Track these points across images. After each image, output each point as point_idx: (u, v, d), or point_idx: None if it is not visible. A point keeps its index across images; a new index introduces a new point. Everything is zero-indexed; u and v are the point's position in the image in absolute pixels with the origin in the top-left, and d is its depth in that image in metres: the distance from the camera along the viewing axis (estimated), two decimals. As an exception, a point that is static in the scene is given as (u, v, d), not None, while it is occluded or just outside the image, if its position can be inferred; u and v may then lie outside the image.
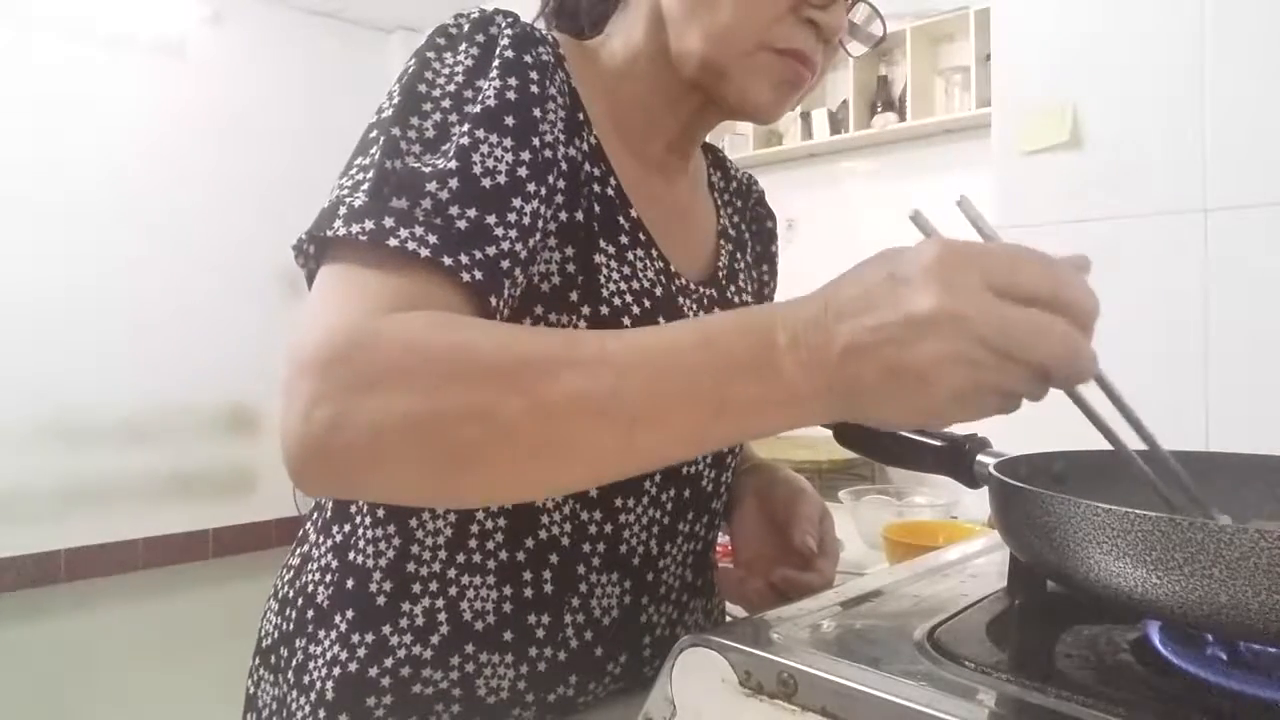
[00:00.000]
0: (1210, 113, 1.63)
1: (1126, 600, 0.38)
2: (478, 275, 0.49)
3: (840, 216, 3.22)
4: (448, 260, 0.48)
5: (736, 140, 3.38)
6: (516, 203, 0.53)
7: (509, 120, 0.55)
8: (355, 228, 0.48)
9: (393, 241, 0.47)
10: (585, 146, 0.61)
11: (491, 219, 0.51)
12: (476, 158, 0.52)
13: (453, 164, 0.51)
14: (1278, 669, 0.39)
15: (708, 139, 0.79)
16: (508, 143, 0.54)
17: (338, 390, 0.43)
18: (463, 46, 0.57)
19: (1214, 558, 0.34)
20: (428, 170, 0.51)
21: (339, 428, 0.42)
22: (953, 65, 2.96)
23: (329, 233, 0.48)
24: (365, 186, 0.50)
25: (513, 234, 0.52)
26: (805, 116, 3.24)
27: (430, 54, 0.57)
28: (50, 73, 3.89)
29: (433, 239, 0.48)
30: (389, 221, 0.48)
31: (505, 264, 0.51)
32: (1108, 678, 0.40)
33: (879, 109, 3.09)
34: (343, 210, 0.49)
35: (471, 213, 0.50)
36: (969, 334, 0.37)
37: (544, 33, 0.61)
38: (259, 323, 4.40)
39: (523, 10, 0.67)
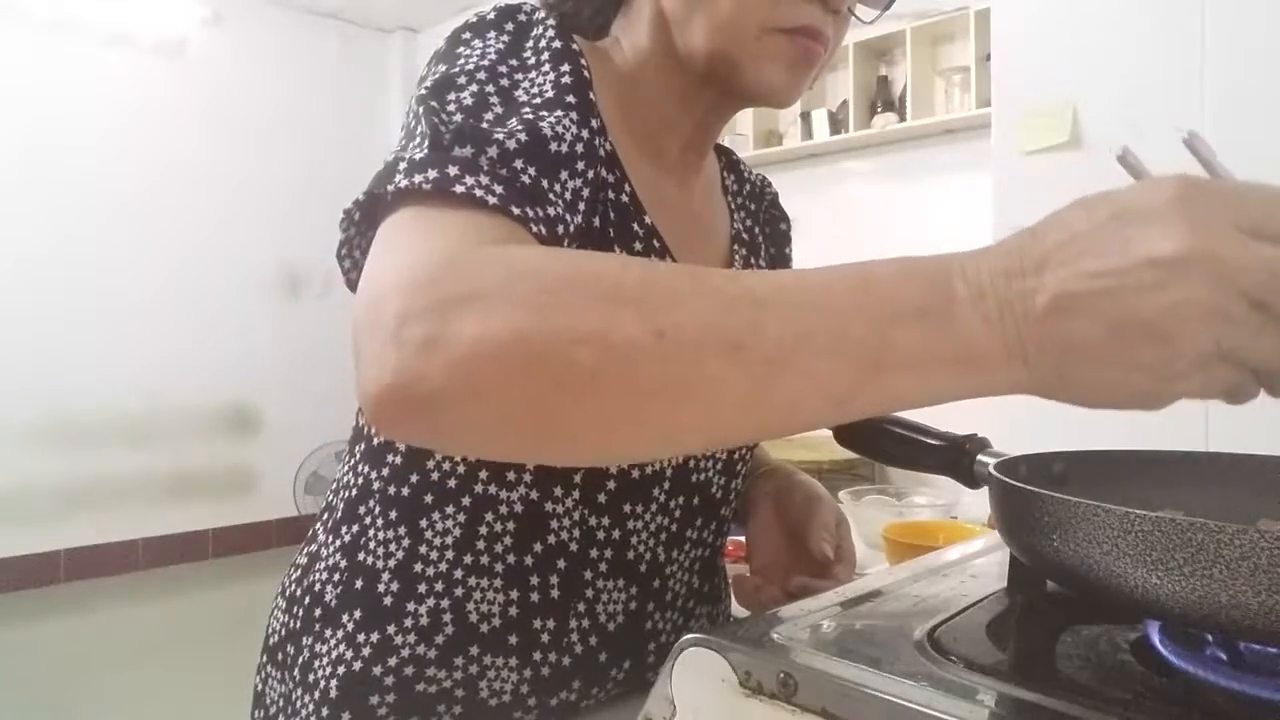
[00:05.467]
0: (1210, 113, 1.62)
1: (1126, 600, 0.38)
2: (543, 230, 0.47)
3: (840, 216, 3.22)
4: (516, 210, 0.46)
5: (737, 140, 3.38)
6: (563, 175, 0.51)
7: (571, 98, 0.54)
8: (418, 177, 0.45)
9: (459, 189, 0.45)
10: (601, 152, 0.60)
11: (545, 183, 0.49)
12: (545, 124, 0.51)
13: (518, 125, 0.50)
14: (1278, 669, 0.39)
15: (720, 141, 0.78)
16: (574, 115, 0.54)
17: (433, 306, 0.38)
18: (491, 34, 0.57)
19: (1214, 558, 0.34)
20: (487, 124, 0.49)
21: (434, 346, 0.37)
22: (953, 65, 2.95)
23: (389, 188, 0.46)
24: (423, 144, 0.48)
25: (561, 204, 0.50)
26: (805, 116, 3.24)
27: (458, 47, 0.56)
28: (50, 73, 3.89)
29: (499, 189, 0.46)
30: (453, 170, 0.45)
31: (560, 229, 0.49)
32: (1108, 678, 0.40)
33: (879, 109, 3.09)
34: (402, 166, 0.46)
35: (533, 170, 0.49)
36: (1226, 282, 0.31)
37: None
38: (259, 323, 4.41)
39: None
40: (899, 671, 0.39)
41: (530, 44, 0.57)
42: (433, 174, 0.45)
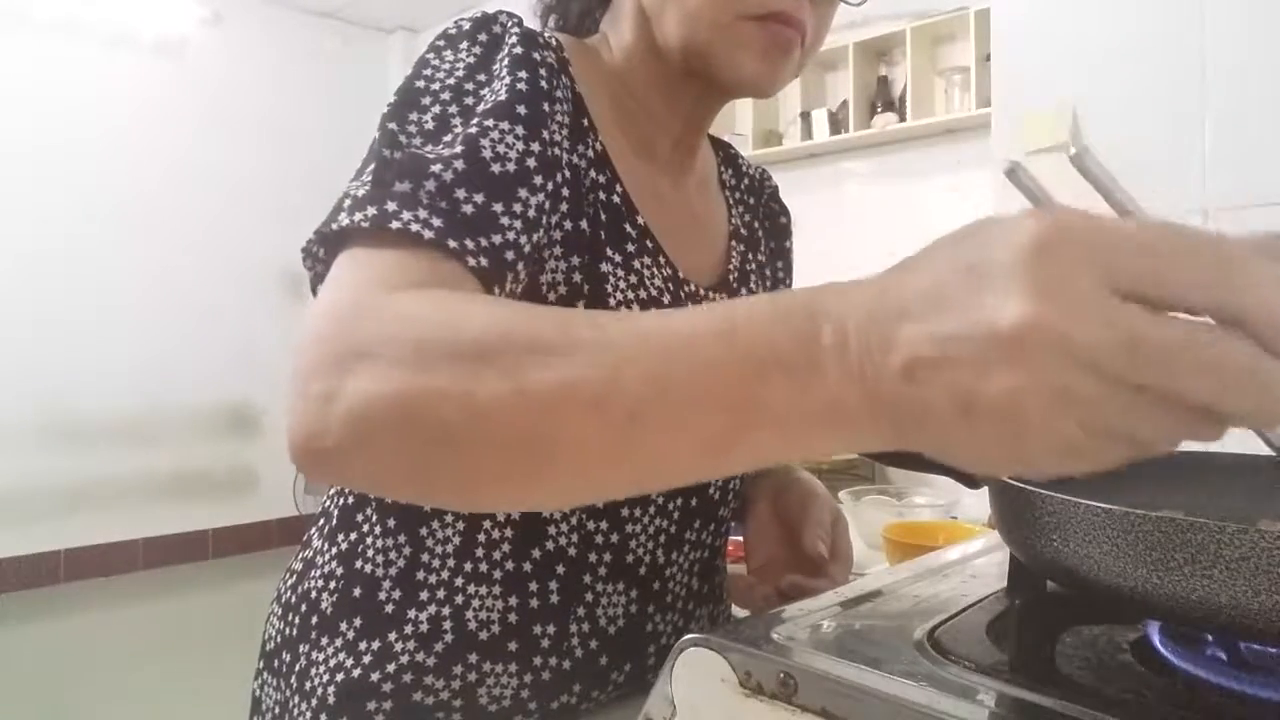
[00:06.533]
0: (1210, 113, 1.62)
1: (1126, 600, 0.38)
2: (483, 262, 0.48)
3: (840, 216, 3.22)
4: (453, 243, 0.47)
5: (737, 140, 3.38)
6: (522, 193, 0.51)
7: (521, 109, 0.54)
8: (358, 215, 0.47)
9: (395, 225, 0.46)
10: (590, 153, 0.60)
11: (498, 207, 0.50)
12: (486, 143, 0.51)
13: (459, 149, 0.50)
14: (1278, 669, 0.39)
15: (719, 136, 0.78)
16: (519, 130, 0.53)
17: (332, 362, 0.40)
18: (463, 45, 0.57)
19: (1214, 558, 0.34)
20: (431, 155, 0.50)
21: (332, 400, 0.39)
22: (953, 65, 2.95)
23: (333, 227, 0.48)
24: (367, 178, 0.49)
25: (518, 225, 0.50)
26: (805, 116, 3.24)
27: (430, 55, 0.57)
28: (50, 73, 3.89)
29: (437, 222, 0.47)
30: (391, 205, 0.47)
31: (510, 255, 0.50)
32: (1108, 678, 0.40)
33: (879, 109, 3.09)
34: (346, 203, 0.48)
35: (479, 198, 0.49)
36: (1074, 360, 0.26)
37: (547, 37, 0.61)
38: (259, 323, 4.40)
39: (525, 13, 0.66)
40: (899, 671, 0.39)
41: (500, 55, 0.57)
42: (371, 211, 0.46)
